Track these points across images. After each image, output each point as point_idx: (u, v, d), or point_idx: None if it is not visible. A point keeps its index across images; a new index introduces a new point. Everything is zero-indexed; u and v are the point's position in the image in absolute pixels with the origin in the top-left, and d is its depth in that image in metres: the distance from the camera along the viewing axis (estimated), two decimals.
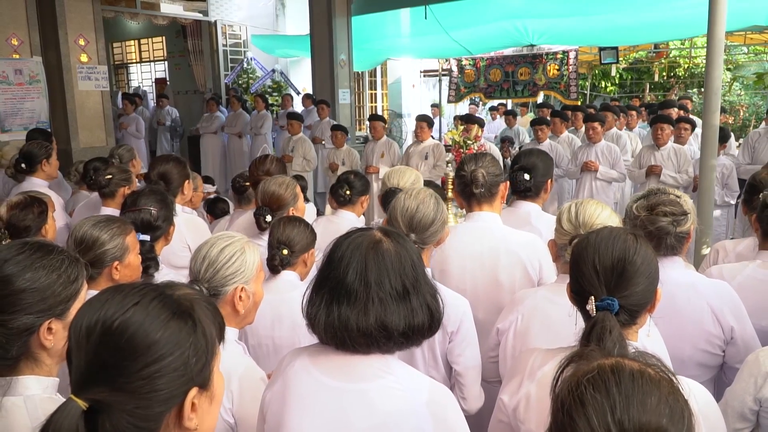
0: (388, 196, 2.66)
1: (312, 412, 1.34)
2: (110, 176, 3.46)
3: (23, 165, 4.05)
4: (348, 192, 3.29)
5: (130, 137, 9.85)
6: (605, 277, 1.37)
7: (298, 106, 11.39)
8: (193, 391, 0.91)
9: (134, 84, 16.07)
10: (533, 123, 7.32)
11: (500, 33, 10.11)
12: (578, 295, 1.41)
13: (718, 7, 3.65)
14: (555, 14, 9.38)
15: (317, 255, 2.43)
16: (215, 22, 12.50)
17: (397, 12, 10.69)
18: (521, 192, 2.75)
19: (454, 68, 11.93)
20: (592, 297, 1.34)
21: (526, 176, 2.70)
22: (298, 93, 12.29)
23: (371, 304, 1.30)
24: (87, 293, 1.39)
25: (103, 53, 7.97)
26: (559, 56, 10.64)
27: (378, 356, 1.34)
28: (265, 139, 9.85)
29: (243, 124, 10.22)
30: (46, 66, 7.36)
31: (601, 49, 10.68)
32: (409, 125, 12.98)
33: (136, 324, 0.87)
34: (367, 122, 8.99)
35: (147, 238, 2.23)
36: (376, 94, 15.38)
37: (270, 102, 11.44)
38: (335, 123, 8.54)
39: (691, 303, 1.97)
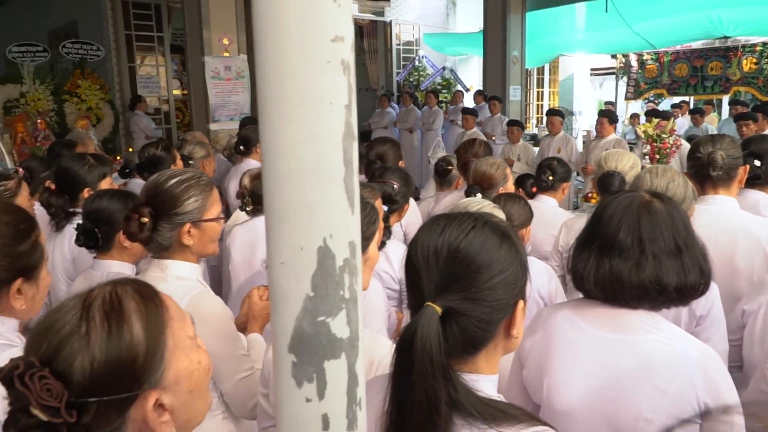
0: (606, 179, 2.66)
1: (578, 357, 1.42)
2: None
3: (241, 147, 4.55)
4: (551, 177, 3.32)
5: None
6: None
7: (468, 103, 11.50)
8: (521, 303, 1.04)
9: None
10: (739, 118, 6.77)
11: (689, 24, 9.46)
12: None
13: None
14: (754, 2, 8.58)
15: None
16: (390, 22, 13.02)
17: (572, 6, 10.41)
18: (750, 179, 2.61)
19: (634, 63, 11.34)
20: None
21: (757, 162, 2.56)
22: (467, 90, 12.42)
23: (645, 260, 1.35)
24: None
25: None
26: (758, 49, 9.70)
27: (646, 312, 1.39)
28: (437, 134, 10.07)
29: (414, 120, 10.55)
30: (250, 63, 8.16)
31: None
32: (580, 123, 12.57)
33: (478, 244, 1.01)
34: (544, 117, 8.86)
35: (385, 208, 2.45)
36: (543, 92, 15.07)
37: (440, 99, 11.69)
38: (511, 119, 8.53)
39: None
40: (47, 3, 11.62)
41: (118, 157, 7.22)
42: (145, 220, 1.58)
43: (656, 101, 11.96)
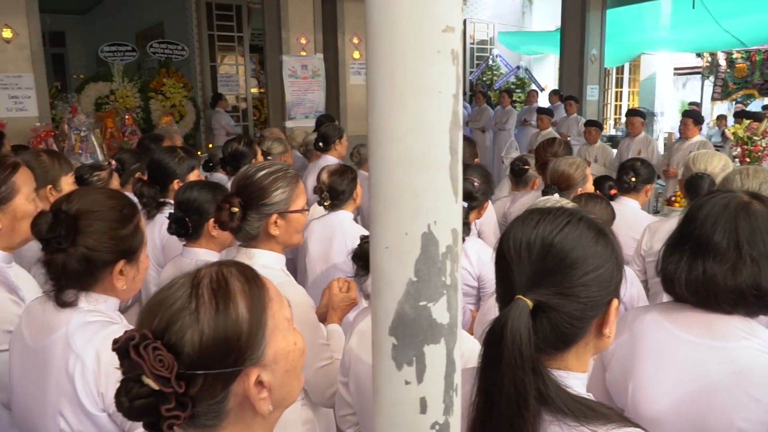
0: (695, 181, 2.56)
1: (667, 362, 1.37)
2: None
3: (320, 144, 4.64)
4: (633, 179, 3.22)
5: None
6: None
7: (542, 103, 11.29)
8: (615, 302, 1.02)
9: None
10: None
11: None
12: None
13: None
14: None
15: None
16: (464, 20, 12.94)
17: (657, 2, 10.02)
18: None
19: (722, 62, 10.80)
20: None
21: None
22: (542, 89, 12.18)
23: (743, 264, 1.30)
24: None
25: None
26: None
27: (741, 318, 1.34)
28: (509, 134, 9.94)
29: (487, 119, 10.43)
30: (326, 62, 8.33)
31: None
32: (662, 124, 12.09)
33: (573, 239, 0.99)
34: (623, 118, 8.59)
35: (465, 204, 2.44)
36: (622, 92, 14.58)
37: (514, 98, 11.52)
38: (589, 119, 8.31)
39: None
40: (136, 5, 12.23)
41: (199, 153, 7.52)
42: (236, 209, 1.65)
43: (745, 102, 11.35)
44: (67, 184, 2.40)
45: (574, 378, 1.00)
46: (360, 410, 1.61)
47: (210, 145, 8.66)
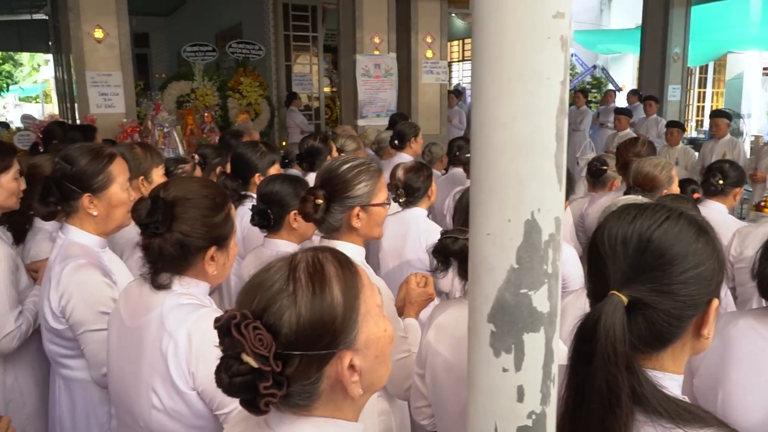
0: None
1: (761, 370, 1.31)
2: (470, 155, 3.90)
3: (396, 141, 4.67)
4: (721, 181, 3.08)
5: (453, 129, 10.59)
6: None
7: (620, 103, 10.93)
8: (715, 302, 0.98)
9: (454, 81, 17.22)
10: None
11: None
12: None
13: None
14: None
15: None
16: None
17: None
18: None
19: None
20: None
21: None
22: (619, 89, 11.80)
23: None
24: None
25: (445, 50, 8.77)
26: None
27: None
28: (584, 135, 9.67)
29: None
30: (398, 61, 8.38)
31: None
32: (749, 126, 11.47)
33: (672, 235, 0.96)
34: (706, 119, 8.21)
35: None
36: (705, 92, 13.94)
37: (589, 98, 11.21)
38: (670, 120, 7.99)
39: None
40: (216, 6, 12.67)
41: None
42: (320, 201, 1.69)
43: None
44: (158, 175, 2.52)
45: (670, 379, 0.97)
46: (435, 402, 1.61)
47: (283, 143, 8.88)
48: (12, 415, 1.46)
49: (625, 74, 13.49)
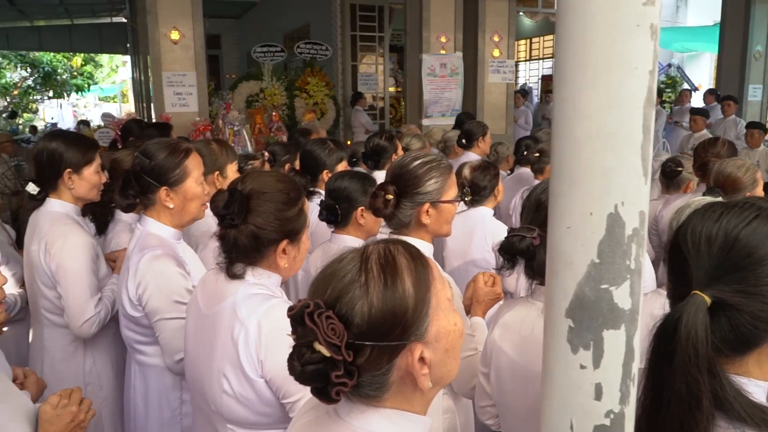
0: None
1: None
2: (538, 154, 3.84)
3: (464, 141, 4.64)
4: None
5: (520, 129, 10.43)
6: None
7: (695, 103, 10.48)
8: None
9: (521, 81, 16.96)
10: None
11: None
12: None
13: None
14: None
15: None
16: None
17: None
18: None
19: None
20: None
21: None
22: (695, 89, 11.32)
23: None
24: None
25: (512, 49, 8.66)
26: None
27: None
28: (658, 135, 9.32)
29: None
30: (464, 60, 8.32)
31: None
32: None
33: (762, 234, 0.92)
34: None
35: None
36: None
37: (663, 98, 10.80)
38: (750, 121, 7.61)
39: None
40: (285, 8, 12.94)
41: None
42: (390, 197, 1.70)
43: None
44: (232, 171, 2.60)
45: (755, 385, 0.92)
46: (499, 401, 1.59)
47: (348, 142, 8.97)
48: (90, 398, 1.54)
49: (702, 73, 12.92)
